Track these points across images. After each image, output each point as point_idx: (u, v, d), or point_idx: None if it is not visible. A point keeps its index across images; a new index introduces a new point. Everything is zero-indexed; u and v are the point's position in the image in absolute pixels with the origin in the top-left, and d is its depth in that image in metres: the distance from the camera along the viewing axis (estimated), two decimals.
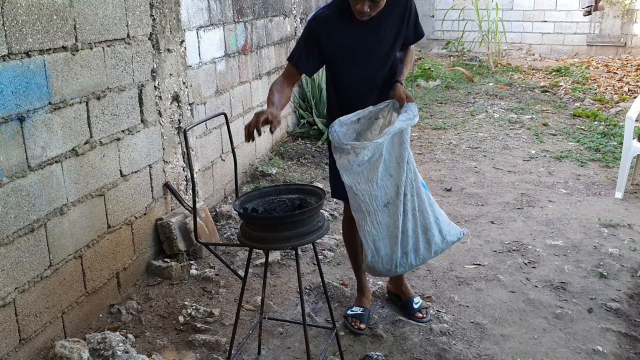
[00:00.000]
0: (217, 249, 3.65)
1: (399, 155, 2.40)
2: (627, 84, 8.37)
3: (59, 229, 2.57)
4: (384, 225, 2.45)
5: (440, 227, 2.55)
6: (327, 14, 2.48)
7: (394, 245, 2.46)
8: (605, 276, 3.26)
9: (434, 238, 2.53)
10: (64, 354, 2.33)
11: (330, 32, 2.46)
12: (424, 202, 2.50)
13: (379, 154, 2.35)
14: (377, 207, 2.41)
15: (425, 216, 2.50)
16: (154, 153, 3.30)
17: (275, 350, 2.66)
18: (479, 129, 6.52)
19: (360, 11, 2.34)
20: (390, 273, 2.56)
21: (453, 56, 11.00)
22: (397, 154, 2.40)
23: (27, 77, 2.33)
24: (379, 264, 2.49)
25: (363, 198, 2.39)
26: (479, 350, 2.64)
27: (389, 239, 2.46)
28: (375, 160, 2.35)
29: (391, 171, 2.41)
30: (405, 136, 2.39)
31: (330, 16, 2.47)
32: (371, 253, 2.47)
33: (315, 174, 4.96)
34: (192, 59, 3.76)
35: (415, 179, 2.46)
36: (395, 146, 2.39)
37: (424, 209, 2.50)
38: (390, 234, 2.46)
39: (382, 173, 2.39)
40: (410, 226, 2.47)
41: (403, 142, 2.39)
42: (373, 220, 2.43)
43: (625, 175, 4.42)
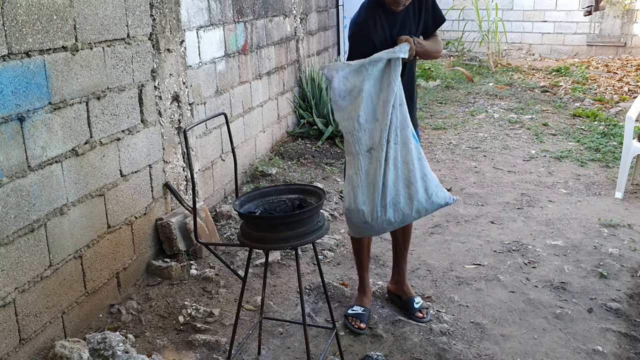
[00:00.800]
0: (217, 249, 3.65)
1: (386, 98, 2.35)
2: (627, 84, 8.37)
3: (59, 229, 2.57)
4: (364, 171, 2.37)
5: (426, 185, 2.42)
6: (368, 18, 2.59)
7: (372, 194, 2.36)
8: (605, 276, 3.26)
9: (417, 195, 2.40)
10: (64, 354, 2.33)
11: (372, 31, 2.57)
12: (410, 153, 2.39)
13: (359, 86, 2.34)
14: (360, 151, 2.36)
15: (410, 168, 2.39)
16: (154, 153, 3.30)
17: (275, 350, 2.66)
18: (479, 129, 6.52)
19: (396, 1, 2.48)
20: (366, 225, 2.42)
21: (453, 56, 11.01)
22: (384, 95, 2.36)
23: (27, 77, 2.33)
24: (354, 213, 2.39)
25: (346, 137, 2.38)
26: (479, 350, 2.64)
27: (367, 188, 2.37)
28: (356, 94, 2.34)
29: (378, 115, 2.36)
30: (393, 77, 2.35)
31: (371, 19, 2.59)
32: (348, 200, 2.38)
33: (315, 174, 4.96)
34: (192, 59, 3.76)
35: (404, 127, 2.37)
36: (384, 88, 2.36)
37: (409, 161, 2.38)
38: (370, 182, 2.36)
39: (367, 114, 2.35)
40: (391, 177, 2.36)
41: (390, 82, 2.35)
42: (355, 164, 2.37)
43: (625, 175, 4.42)
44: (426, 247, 3.68)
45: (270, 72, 5.27)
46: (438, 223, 4.03)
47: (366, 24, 2.58)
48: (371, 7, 2.61)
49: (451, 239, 3.80)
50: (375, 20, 2.58)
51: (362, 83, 2.34)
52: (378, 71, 2.36)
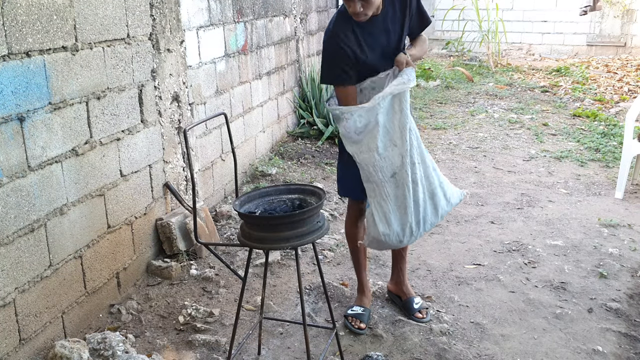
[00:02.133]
0: (217, 249, 3.65)
1: (401, 123, 2.37)
2: (627, 84, 8.37)
3: (59, 229, 2.57)
4: (393, 196, 2.41)
5: (444, 191, 2.54)
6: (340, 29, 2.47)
7: (404, 215, 2.43)
8: (605, 276, 3.26)
9: (440, 202, 2.51)
10: (64, 354, 2.33)
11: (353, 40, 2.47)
12: (428, 167, 2.47)
13: (374, 121, 2.33)
14: (384, 178, 2.39)
15: (431, 181, 2.48)
16: (154, 153, 3.30)
17: (275, 350, 2.66)
18: (479, 129, 6.52)
19: (355, 12, 2.36)
20: (402, 244, 2.53)
21: (453, 56, 11.01)
22: (398, 122, 2.37)
23: (27, 77, 2.33)
24: (390, 236, 2.45)
25: (367, 168, 2.39)
26: (479, 350, 2.64)
27: (399, 211, 2.43)
28: (372, 127, 2.34)
29: (395, 140, 2.38)
30: (404, 103, 2.36)
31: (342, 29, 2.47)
32: (383, 226, 2.43)
33: (315, 174, 4.96)
34: (192, 59, 3.76)
35: (419, 145, 2.44)
36: (397, 114, 2.37)
37: (429, 175, 2.47)
38: (400, 204, 2.42)
39: (384, 142, 2.36)
40: (421, 195, 2.45)
41: (403, 109, 2.36)
42: (382, 192, 2.41)
43: (625, 175, 4.42)
44: (426, 247, 3.68)
45: (270, 72, 5.27)
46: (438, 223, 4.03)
47: (339, 35, 2.46)
48: (343, 17, 2.46)
49: (451, 239, 3.80)
50: (348, 31, 2.45)
51: (377, 117, 2.35)
52: (388, 102, 2.37)
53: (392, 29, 2.52)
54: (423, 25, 2.66)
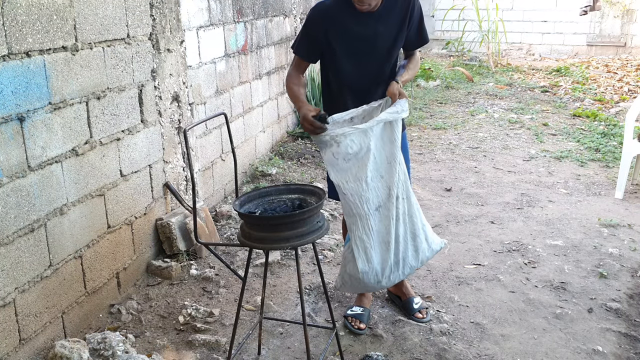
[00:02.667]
0: (217, 249, 3.65)
1: (390, 155, 2.30)
2: (627, 84, 8.37)
3: (59, 229, 2.57)
4: (376, 231, 2.31)
5: (426, 234, 2.44)
6: (329, 5, 2.47)
7: (385, 252, 2.33)
8: (605, 276, 3.26)
9: (422, 245, 2.41)
10: (64, 354, 2.33)
11: (332, 22, 2.44)
12: (412, 206, 2.38)
13: (366, 148, 2.24)
14: (369, 211, 2.29)
15: (414, 221, 2.39)
16: (154, 153, 3.30)
17: (275, 350, 2.66)
18: (479, 129, 6.52)
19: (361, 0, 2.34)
20: (379, 286, 2.42)
21: (453, 56, 11.01)
22: (388, 152, 2.30)
23: (27, 77, 2.33)
24: (369, 274, 2.34)
25: (352, 199, 2.27)
26: (479, 350, 2.64)
27: (379, 247, 2.33)
28: (363, 155, 2.24)
29: (382, 172, 2.30)
30: (396, 134, 2.30)
31: (332, 6, 2.46)
32: (362, 262, 2.32)
33: (315, 174, 4.96)
34: (192, 59, 3.76)
35: (406, 181, 2.36)
36: (386, 144, 2.30)
37: (412, 214, 2.38)
38: (382, 240, 2.32)
39: (372, 173, 2.27)
40: (402, 232, 2.35)
41: (394, 140, 2.30)
42: (365, 225, 2.30)
43: (625, 175, 4.42)
44: None
45: (270, 72, 5.27)
46: (438, 223, 4.03)
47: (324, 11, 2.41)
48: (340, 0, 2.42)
49: (451, 239, 3.80)
50: (339, 12, 2.40)
51: (369, 143, 2.25)
52: (380, 130, 2.29)
53: (381, 32, 2.46)
54: (420, 43, 2.61)
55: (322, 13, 2.47)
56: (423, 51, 11.55)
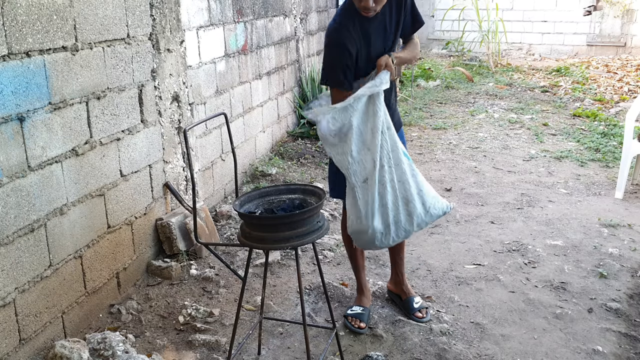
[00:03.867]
0: (217, 249, 3.65)
1: (374, 126, 2.37)
2: (627, 84, 8.37)
3: (59, 229, 2.57)
4: (363, 201, 2.42)
5: (423, 200, 2.49)
6: (341, 24, 2.49)
7: (371, 219, 2.42)
8: (605, 276, 3.26)
9: (416, 210, 2.48)
10: (64, 354, 2.33)
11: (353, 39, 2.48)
12: (405, 173, 2.45)
13: (348, 124, 2.34)
14: (357, 183, 2.41)
15: (406, 187, 2.45)
16: (154, 153, 3.30)
17: (275, 350, 2.66)
18: (479, 129, 6.52)
19: (366, 7, 2.37)
20: (372, 247, 2.53)
21: (453, 56, 11.00)
22: (372, 124, 2.38)
23: (27, 77, 2.33)
24: (359, 235, 2.48)
25: (342, 171, 2.42)
26: (479, 350, 2.64)
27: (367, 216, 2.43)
28: (346, 130, 2.36)
29: (368, 144, 2.39)
30: (378, 105, 2.36)
31: (344, 24, 2.49)
32: (351, 225, 2.47)
33: (315, 174, 4.96)
34: (192, 59, 3.76)
35: (394, 149, 2.42)
36: (370, 117, 2.37)
37: (404, 180, 2.45)
38: (368, 210, 2.42)
39: (358, 146, 2.38)
40: (390, 198, 2.43)
41: (376, 111, 2.36)
42: (355, 195, 2.43)
43: (625, 175, 4.42)
44: (426, 247, 3.68)
45: (270, 72, 5.27)
46: (438, 223, 4.03)
47: (342, 32, 2.47)
48: (347, 12, 2.49)
49: (451, 239, 3.80)
50: (351, 27, 2.47)
51: (350, 120, 2.35)
52: (362, 104, 2.37)
53: (389, 29, 2.53)
54: (415, 27, 2.65)
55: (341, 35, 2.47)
56: (423, 51, 11.55)
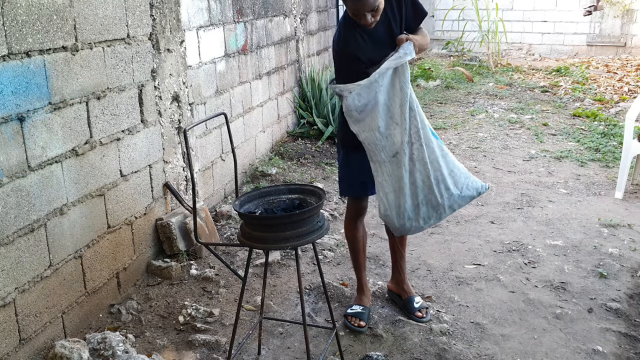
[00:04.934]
0: (217, 249, 3.65)
1: (402, 101, 2.36)
2: (627, 84, 8.37)
3: (59, 229, 2.57)
4: (394, 176, 2.40)
5: (455, 180, 2.46)
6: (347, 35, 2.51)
7: (401, 197, 2.40)
8: (605, 276, 3.26)
9: (449, 191, 2.44)
10: (64, 354, 2.33)
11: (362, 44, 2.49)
12: (434, 152, 2.42)
13: (374, 100, 2.33)
14: (386, 158, 2.39)
15: (436, 167, 2.43)
16: (154, 153, 3.30)
17: (275, 350, 2.66)
18: (479, 129, 6.52)
19: (366, 24, 2.40)
20: (405, 227, 2.48)
21: (453, 56, 11.01)
22: (399, 99, 2.36)
23: (27, 77, 2.33)
24: (392, 217, 2.45)
25: (370, 147, 2.39)
26: (479, 350, 2.64)
27: (397, 192, 2.41)
28: (372, 107, 2.34)
29: (397, 119, 2.37)
30: (404, 81, 2.35)
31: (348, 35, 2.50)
32: (383, 206, 2.44)
33: (315, 174, 4.96)
34: (192, 59, 3.76)
35: (423, 127, 2.40)
36: (397, 92, 2.36)
37: (434, 160, 2.42)
38: (398, 185, 2.40)
39: (386, 121, 2.36)
40: (419, 176, 2.40)
41: (402, 87, 2.35)
42: (384, 172, 2.41)
43: (625, 175, 4.42)
44: (426, 247, 3.68)
45: (270, 72, 5.27)
46: (438, 223, 4.03)
47: (347, 41, 2.50)
48: (348, 21, 2.51)
49: (451, 239, 3.80)
50: (355, 34, 2.48)
51: (376, 96, 2.34)
52: (388, 79, 2.35)
53: (395, 26, 2.55)
54: (419, 18, 2.65)
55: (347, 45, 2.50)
56: None
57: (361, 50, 2.48)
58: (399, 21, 2.56)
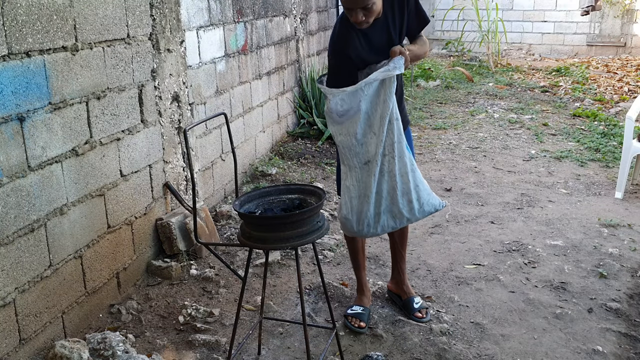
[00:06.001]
0: (217, 249, 3.65)
1: (383, 113, 2.38)
2: (627, 84, 8.37)
3: (59, 229, 2.57)
4: (362, 182, 2.44)
5: (419, 195, 2.52)
6: (343, 34, 2.50)
7: (365, 204, 2.45)
8: (605, 276, 3.26)
9: (411, 204, 2.50)
10: (64, 354, 2.33)
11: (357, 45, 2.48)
12: (405, 165, 2.47)
13: (356, 107, 2.35)
14: (357, 164, 2.43)
15: (405, 180, 2.47)
16: (154, 153, 3.30)
17: (275, 350, 2.66)
18: (479, 129, 6.52)
19: (357, 22, 2.38)
20: (362, 232, 2.53)
21: (453, 56, 11.01)
22: (381, 111, 2.38)
23: (27, 77, 2.33)
24: (351, 221, 2.48)
25: (343, 151, 2.43)
26: (479, 350, 2.64)
27: (361, 198, 2.45)
28: (353, 113, 2.36)
29: (375, 129, 2.39)
30: (388, 94, 2.36)
31: (345, 35, 2.50)
32: (346, 209, 2.48)
33: (315, 174, 4.96)
34: (192, 59, 3.76)
35: (400, 141, 2.42)
36: (380, 103, 2.38)
37: (404, 173, 2.46)
38: (364, 192, 2.45)
39: (364, 129, 2.39)
40: (385, 187, 2.45)
41: (386, 99, 2.36)
42: (353, 176, 2.45)
43: (625, 175, 4.42)
44: (426, 247, 3.68)
45: (270, 72, 5.27)
46: (438, 223, 4.03)
47: (342, 41, 2.49)
48: (344, 22, 2.50)
49: (451, 239, 3.80)
50: (351, 35, 2.48)
51: (359, 104, 2.36)
52: (374, 89, 2.37)
53: (393, 31, 2.53)
54: (421, 25, 2.65)
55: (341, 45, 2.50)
56: None
57: (355, 51, 2.47)
58: (398, 27, 2.54)
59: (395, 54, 2.42)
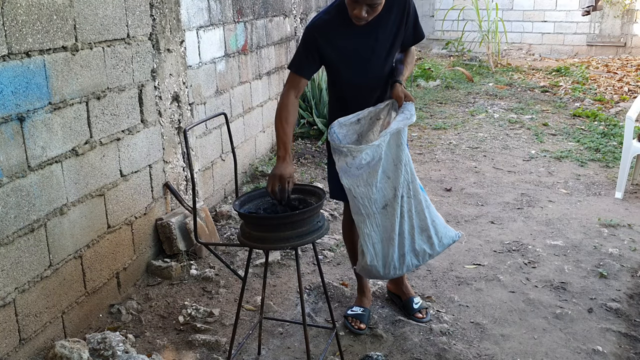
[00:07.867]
0: (217, 249, 3.65)
1: (397, 157, 2.40)
2: (627, 84, 8.37)
3: (59, 229, 2.57)
4: (382, 227, 2.44)
5: (436, 230, 2.55)
6: (326, 19, 2.47)
7: (390, 247, 2.46)
8: (605, 276, 3.26)
9: (430, 239, 2.53)
10: (64, 354, 2.33)
11: (329, 37, 2.45)
12: (421, 203, 2.49)
13: (378, 157, 2.34)
14: (376, 210, 2.42)
15: (422, 218, 2.50)
16: (154, 153, 3.30)
17: (275, 350, 2.66)
18: (479, 129, 6.52)
19: (357, 16, 2.33)
20: (389, 275, 2.54)
21: (453, 56, 11.00)
22: (394, 155, 2.39)
23: (27, 77, 2.33)
24: (378, 267, 2.48)
25: (362, 201, 2.39)
26: (479, 350, 2.64)
27: (385, 242, 2.46)
28: (374, 163, 2.35)
29: (389, 173, 2.41)
30: (402, 138, 2.39)
31: (328, 21, 2.46)
32: (370, 256, 2.46)
33: (315, 174, 4.96)
34: (192, 59, 3.76)
35: (413, 180, 2.45)
36: (393, 148, 2.39)
37: (420, 211, 2.49)
38: (387, 236, 2.45)
39: (380, 176, 2.38)
40: (407, 228, 2.47)
41: (400, 143, 2.39)
42: (372, 223, 2.44)
43: (625, 175, 4.42)
44: None
45: (270, 72, 5.27)
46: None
47: (322, 27, 2.44)
48: (336, 10, 2.42)
49: None
50: (341, 23, 2.42)
51: (381, 153, 2.36)
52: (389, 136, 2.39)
53: (380, 38, 2.47)
54: (416, 39, 2.62)
55: (317, 29, 2.46)
56: (423, 51, 11.56)
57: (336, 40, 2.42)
58: (392, 34, 2.48)
59: (401, 100, 2.42)
